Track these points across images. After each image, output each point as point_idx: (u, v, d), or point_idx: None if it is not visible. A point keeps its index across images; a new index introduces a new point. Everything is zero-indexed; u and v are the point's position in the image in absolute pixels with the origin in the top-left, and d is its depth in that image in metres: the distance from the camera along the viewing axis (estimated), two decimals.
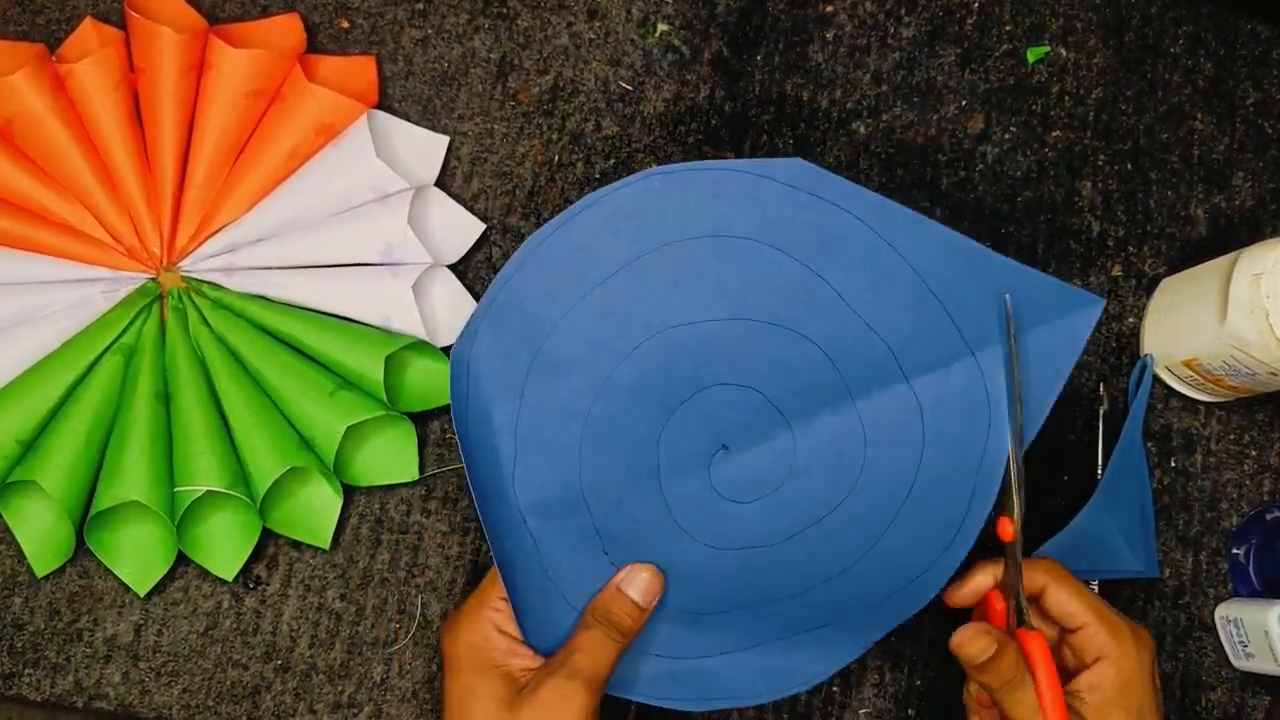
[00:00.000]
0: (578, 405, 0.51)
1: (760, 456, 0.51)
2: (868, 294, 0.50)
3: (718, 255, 0.50)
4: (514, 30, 0.63)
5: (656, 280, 0.50)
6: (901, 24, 0.65)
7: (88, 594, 0.56)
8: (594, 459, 0.51)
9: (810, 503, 0.51)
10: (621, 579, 0.50)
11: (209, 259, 0.58)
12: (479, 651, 0.49)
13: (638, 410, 0.51)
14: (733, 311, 0.51)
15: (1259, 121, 0.65)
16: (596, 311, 0.50)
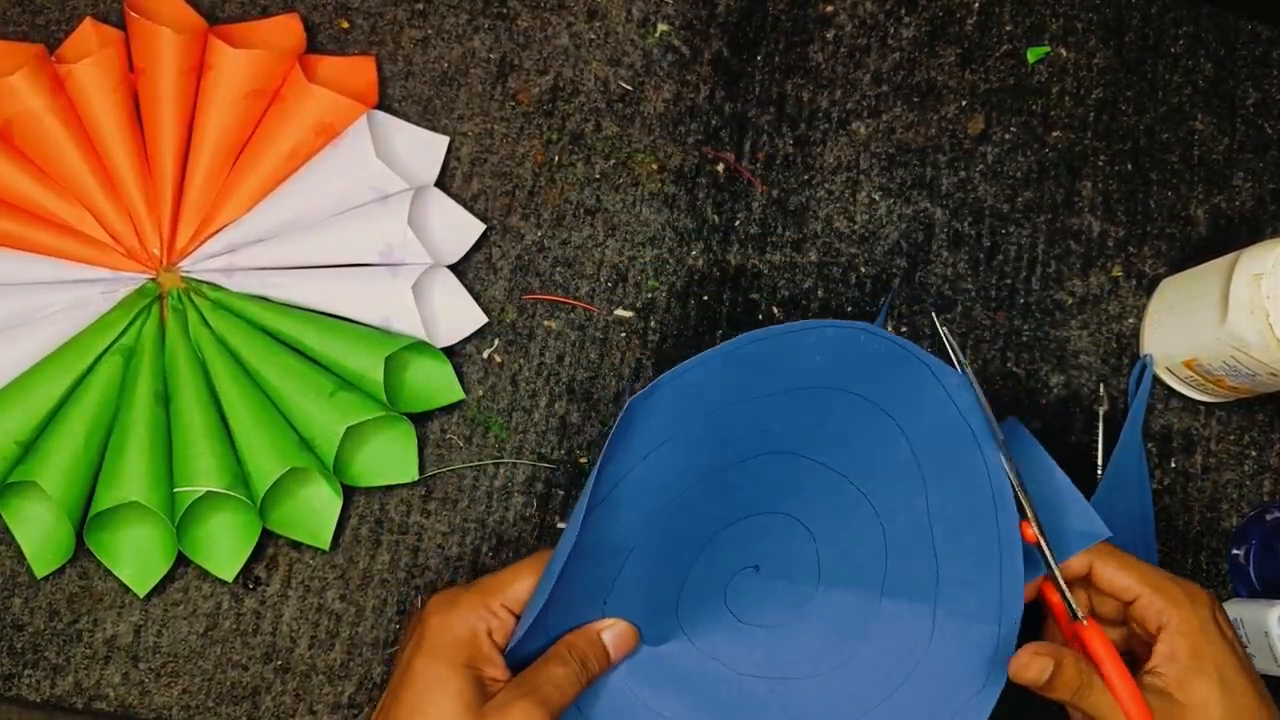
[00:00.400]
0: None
1: (786, 575, 0.53)
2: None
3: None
4: (514, 30, 0.63)
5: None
6: (902, 24, 0.65)
7: (87, 595, 0.56)
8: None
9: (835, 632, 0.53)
10: (603, 627, 0.52)
11: (209, 259, 0.58)
12: (463, 646, 0.48)
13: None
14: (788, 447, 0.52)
15: (1259, 122, 0.65)
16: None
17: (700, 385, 0.49)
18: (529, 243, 0.61)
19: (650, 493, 0.50)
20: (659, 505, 0.51)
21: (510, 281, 0.60)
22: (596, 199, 0.61)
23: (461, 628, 0.49)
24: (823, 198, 0.62)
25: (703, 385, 0.49)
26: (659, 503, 0.51)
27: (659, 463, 0.50)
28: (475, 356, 0.59)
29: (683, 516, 0.51)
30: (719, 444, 0.51)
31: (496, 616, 0.49)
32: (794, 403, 0.51)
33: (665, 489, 0.51)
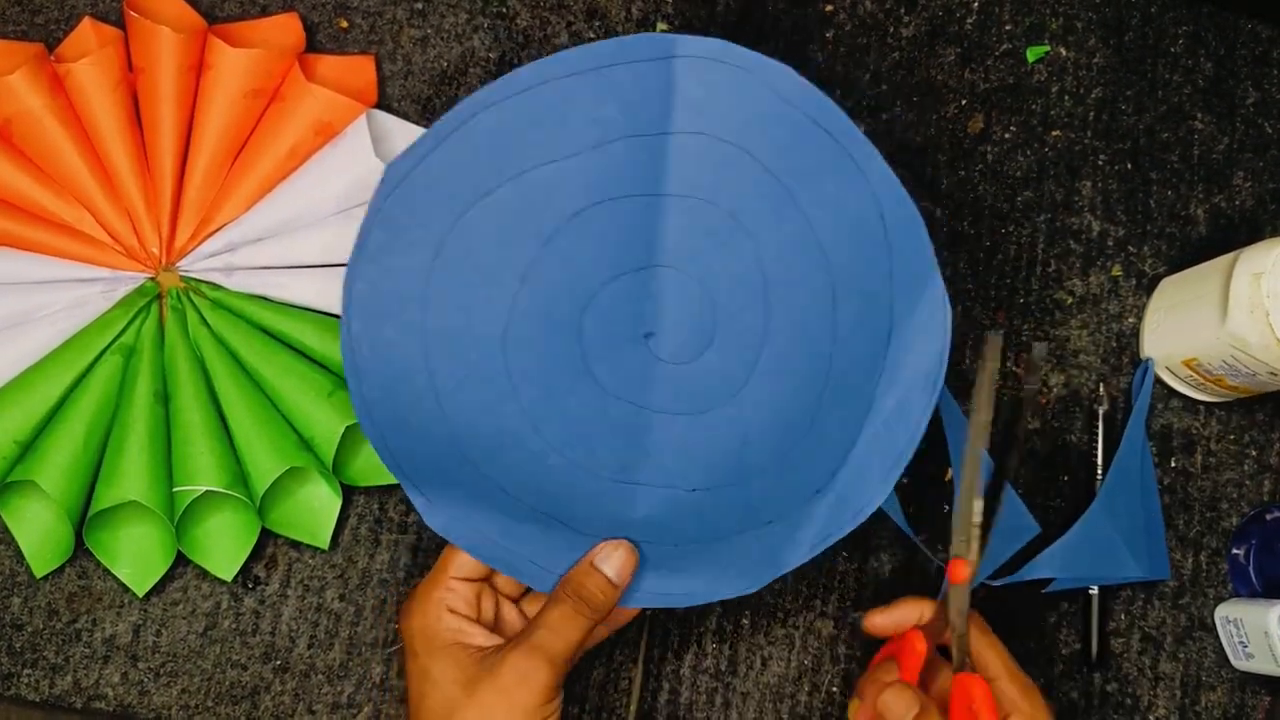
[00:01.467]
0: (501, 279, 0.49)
1: (686, 333, 0.50)
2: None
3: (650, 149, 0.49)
4: (513, 30, 0.63)
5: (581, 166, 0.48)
6: (901, 24, 0.65)
7: (86, 594, 0.56)
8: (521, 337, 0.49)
9: (729, 372, 0.50)
10: (597, 555, 0.49)
11: (208, 259, 0.58)
12: (432, 634, 0.48)
13: (565, 292, 0.49)
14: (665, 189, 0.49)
15: (1259, 121, 0.65)
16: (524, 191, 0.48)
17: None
18: None
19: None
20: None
21: None
22: None
23: (422, 617, 0.49)
24: None
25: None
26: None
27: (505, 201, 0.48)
28: None
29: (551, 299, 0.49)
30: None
31: (451, 590, 0.49)
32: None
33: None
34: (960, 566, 0.49)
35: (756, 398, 0.51)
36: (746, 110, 0.49)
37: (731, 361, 0.51)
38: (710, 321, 0.50)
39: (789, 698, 0.57)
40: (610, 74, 0.48)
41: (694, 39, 0.48)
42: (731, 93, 0.48)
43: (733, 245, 0.50)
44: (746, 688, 0.57)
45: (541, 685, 0.46)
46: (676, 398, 0.51)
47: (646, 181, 0.49)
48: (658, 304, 0.50)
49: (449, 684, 0.47)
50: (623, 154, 0.49)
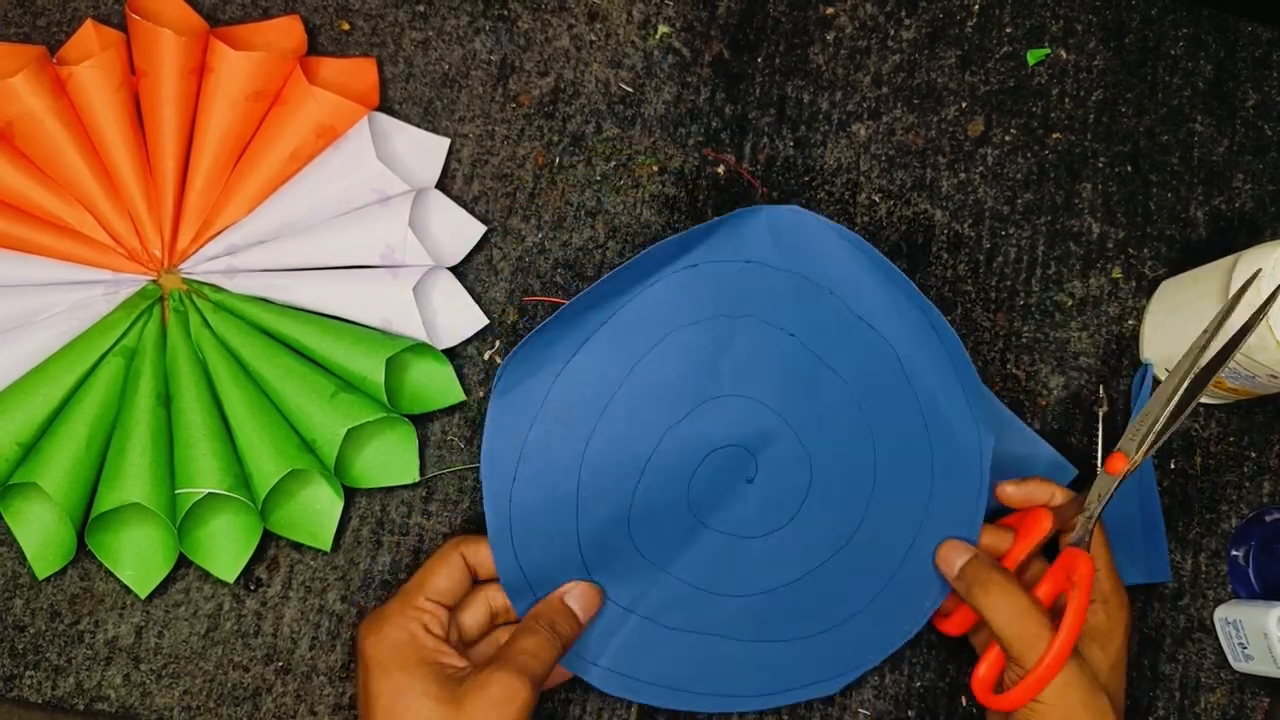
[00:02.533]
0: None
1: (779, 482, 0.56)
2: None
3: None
4: (515, 32, 0.63)
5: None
6: (902, 26, 0.65)
7: (89, 596, 0.56)
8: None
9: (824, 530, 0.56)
10: (564, 592, 0.53)
11: (210, 261, 0.58)
12: (408, 650, 0.49)
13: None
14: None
15: (1259, 124, 0.65)
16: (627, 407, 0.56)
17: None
18: (530, 244, 0.61)
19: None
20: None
21: (511, 283, 0.60)
22: (597, 201, 0.61)
23: (398, 632, 0.49)
24: (823, 199, 0.62)
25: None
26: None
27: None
28: (476, 358, 0.59)
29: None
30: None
31: (426, 611, 0.50)
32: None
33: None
34: (1121, 460, 0.53)
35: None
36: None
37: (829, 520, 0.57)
38: (807, 476, 0.57)
39: None
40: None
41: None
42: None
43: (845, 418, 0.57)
44: None
45: (525, 703, 0.47)
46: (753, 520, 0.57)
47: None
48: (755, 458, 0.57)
49: (429, 699, 0.47)
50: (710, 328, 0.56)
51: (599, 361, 0.55)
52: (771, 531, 0.55)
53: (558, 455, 0.54)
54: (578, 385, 0.55)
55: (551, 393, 0.54)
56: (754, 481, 0.56)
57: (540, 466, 0.54)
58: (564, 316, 0.54)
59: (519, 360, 0.54)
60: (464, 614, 0.53)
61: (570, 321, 0.55)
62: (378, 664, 0.49)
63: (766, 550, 0.55)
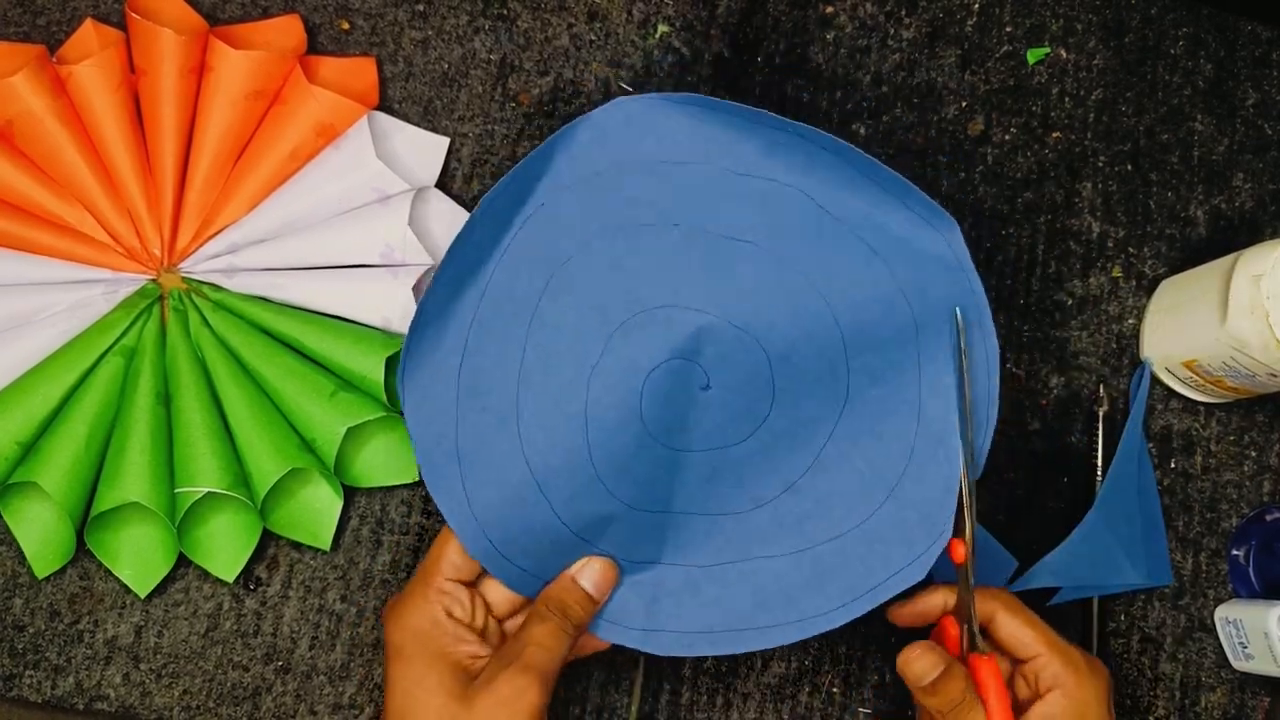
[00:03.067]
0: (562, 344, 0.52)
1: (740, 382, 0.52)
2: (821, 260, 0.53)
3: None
4: (514, 32, 0.63)
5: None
6: (902, 25, 0.65)
7: (88, 595, 0.56)
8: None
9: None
10: (576, 570, 0.50)
11: (209, 260, 0.58)
12: (428, 639, 0.48)
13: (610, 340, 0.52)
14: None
15: (1259, 122, 0.65)
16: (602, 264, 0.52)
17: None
18: None
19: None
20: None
21: None
22: None
23: (419, 620, 0.48)
24: None
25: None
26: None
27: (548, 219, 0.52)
28: None
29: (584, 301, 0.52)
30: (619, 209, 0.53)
31: (446, 593, 0.49)
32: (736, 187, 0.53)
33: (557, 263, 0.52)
34: (958, 546, 0.50)
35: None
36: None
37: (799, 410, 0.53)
38: (769, 387, 0.52)
39: (789, 698, 0.57)
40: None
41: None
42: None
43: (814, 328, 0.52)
44: (747, 688, 0.57)
45: (535, 702, 0.46)
46: (714, 437, 0.52)
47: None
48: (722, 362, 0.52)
49: (443, 694, 0.46)
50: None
51: (494, 339, 0.52)
52: (753, 431, 0.52)
53: (494, 447, 0.51)
54: (482, 368, 0.51)
55: (460, 386, 0.51)
56: (710, 387, 0.52)
57: (482, 464, 0.51)
58: (431, 313, 0.51)
59: (413, 371, 0.52)
60: (490, 589, 0.51)
61: (445, 312, 0.52)
62: (398, 651, 0.48)
63: (759, 449, 0.52)
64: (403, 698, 0.47)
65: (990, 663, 0.48)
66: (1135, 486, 0.59)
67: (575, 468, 0.51)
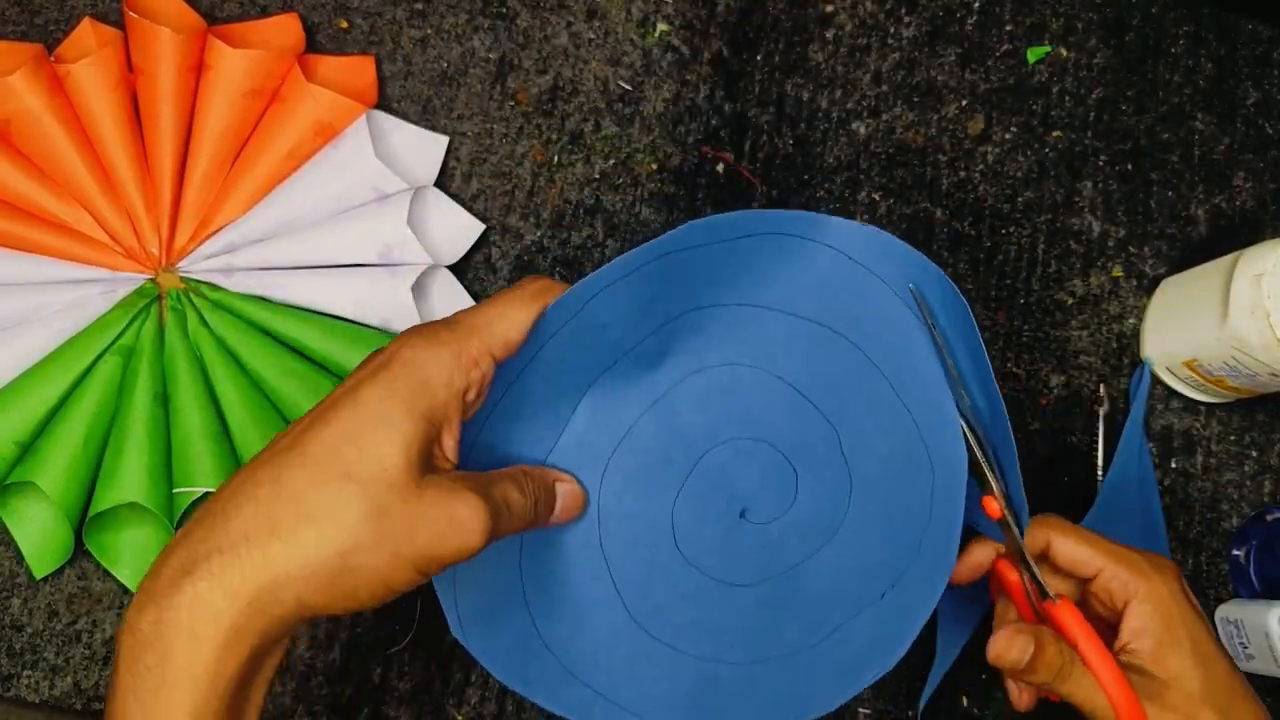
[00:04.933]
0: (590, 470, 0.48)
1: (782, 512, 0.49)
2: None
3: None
4: (513, 30, 0.63)
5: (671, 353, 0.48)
6: (902, 24, 0.65)
7: (86, 595, 0.55)
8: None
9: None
10: (559, 478, 0.45)
11: (208, 259, 0.57)
12: (429, 395, 0.38)
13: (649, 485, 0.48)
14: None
15: (1260, 122, 0.65)
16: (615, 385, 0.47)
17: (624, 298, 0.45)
18: (528, 243, 0.61)
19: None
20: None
21: (510, 281, 0.60)
22: (596, 199, 0.61)
23: (434, 371, 0.39)
24: (822, 198, 0.62)
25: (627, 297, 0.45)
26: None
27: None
28: None
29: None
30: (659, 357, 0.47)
31: (477, 367, 0.40)
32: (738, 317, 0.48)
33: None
34: (990, 503, 0.48)
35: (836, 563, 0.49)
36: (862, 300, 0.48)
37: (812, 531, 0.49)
38: (791, 496, 0.49)
39: None
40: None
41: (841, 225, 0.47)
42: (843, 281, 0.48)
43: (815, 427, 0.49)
44: None
45: (473, 546, 0.38)
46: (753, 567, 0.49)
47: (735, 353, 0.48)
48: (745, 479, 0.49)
49: (399, 449, 0.37)
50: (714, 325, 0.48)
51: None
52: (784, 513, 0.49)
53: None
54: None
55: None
56: (745, 515, 0.49)
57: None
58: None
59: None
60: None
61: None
62: (391, 377, 0.38)
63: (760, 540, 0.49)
64: (362, 419, 0.37)
65: (1067, 607, 0.47)
66: (1135, 486, 0.59)
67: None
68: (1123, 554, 0.47)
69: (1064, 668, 0.45)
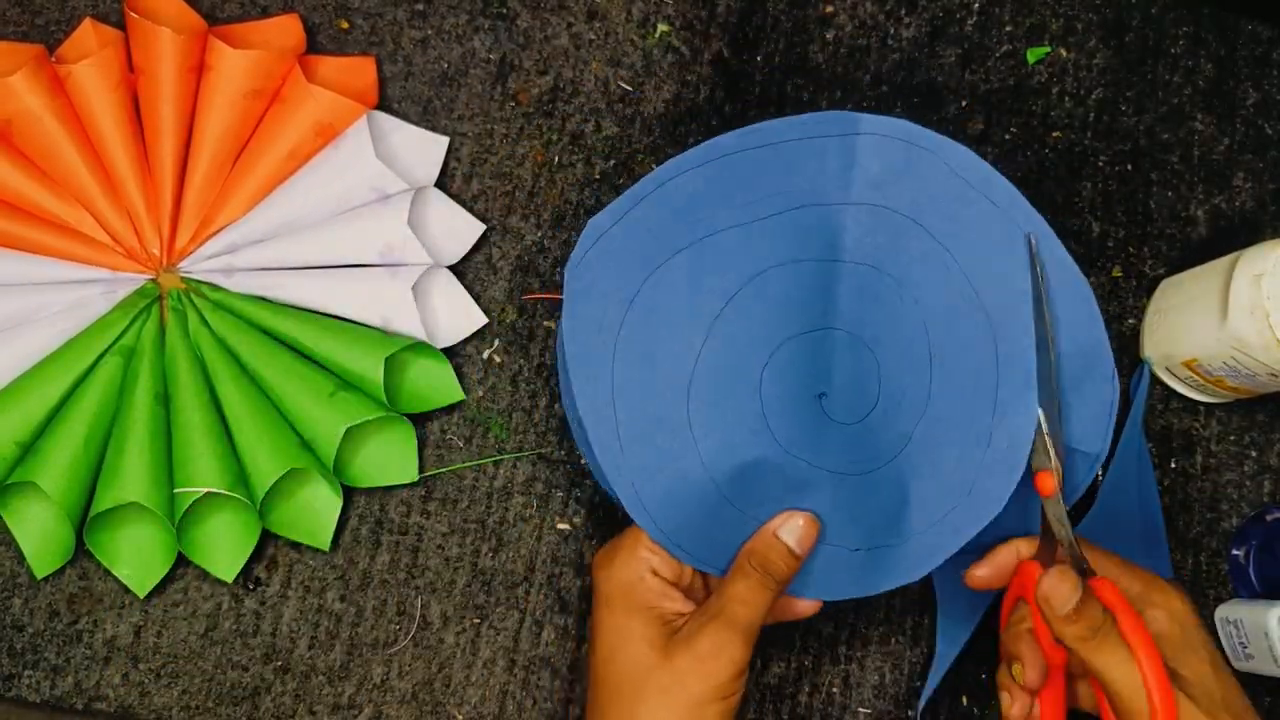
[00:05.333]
0: (682, 341, 0.51)
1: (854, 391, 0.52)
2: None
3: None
4: (514, 31, 0.63)
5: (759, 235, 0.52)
6: (902, 24, 0.65)
7: (87, 595, 0.56)
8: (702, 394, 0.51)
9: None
10: (777, 526, 0.49)
11: (208, 260, 0.58)
12: (633, 591, 0.48)
13: (739, 354, 0.52)
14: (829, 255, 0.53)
15: (1259, 122, 0.65)
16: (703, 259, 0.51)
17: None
18: (529, 243, 0.61)
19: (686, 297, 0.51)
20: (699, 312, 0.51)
21: (510, 282, 0.60)
22: (597, 199, 0.61)
23: (625, 573, 0.49)
24: None
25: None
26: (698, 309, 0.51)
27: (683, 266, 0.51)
28: (475, 357, 0.59)
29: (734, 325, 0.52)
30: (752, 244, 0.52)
31: (656, 553, 0.49)
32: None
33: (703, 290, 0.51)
34: (1046, 478, 0.49)
35: (918, 460, 0.52)
36: (921, 184, 0.52)
37: (896, 424, 0.52)
38: (876, 385, 0.53)
39: (789, 698, 0.57)
40: (799, 147, 0.52)
41: (878, 119, 0.52)
42: (907, 168, 0.52)
43: (901, 312, 0.52)
44: (747, 688, 0.57)
45: (735, 659, 0.46)
46: (844, 457, 0.52)
47: (823, 248, 0.52)
48: (830, 365, 0.52)
49: (645, 645, 0.47)
50: (803, 221, 0.52)
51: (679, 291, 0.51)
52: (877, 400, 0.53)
53: (655, 437, 0.50)
54: (641, 349, 0.51)
55: (616, 364, 0.51)
56: (825, 396, 0.52)
57: (644, 452, 0.50)
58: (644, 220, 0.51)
59: (588, 274, 0.51)
60: None
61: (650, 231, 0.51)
62: (605, 600, 0.49)
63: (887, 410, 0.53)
64: (608, 644, 0.48)
65: (1110, 584, 0.47)
66: (1135, 486, 0.59)
67: (737, 440, 0.51)
68: (1138, 570, 0.50)
69: (1102, 629, 0.45)
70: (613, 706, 0.47)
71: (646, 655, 0.47)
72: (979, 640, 0.57)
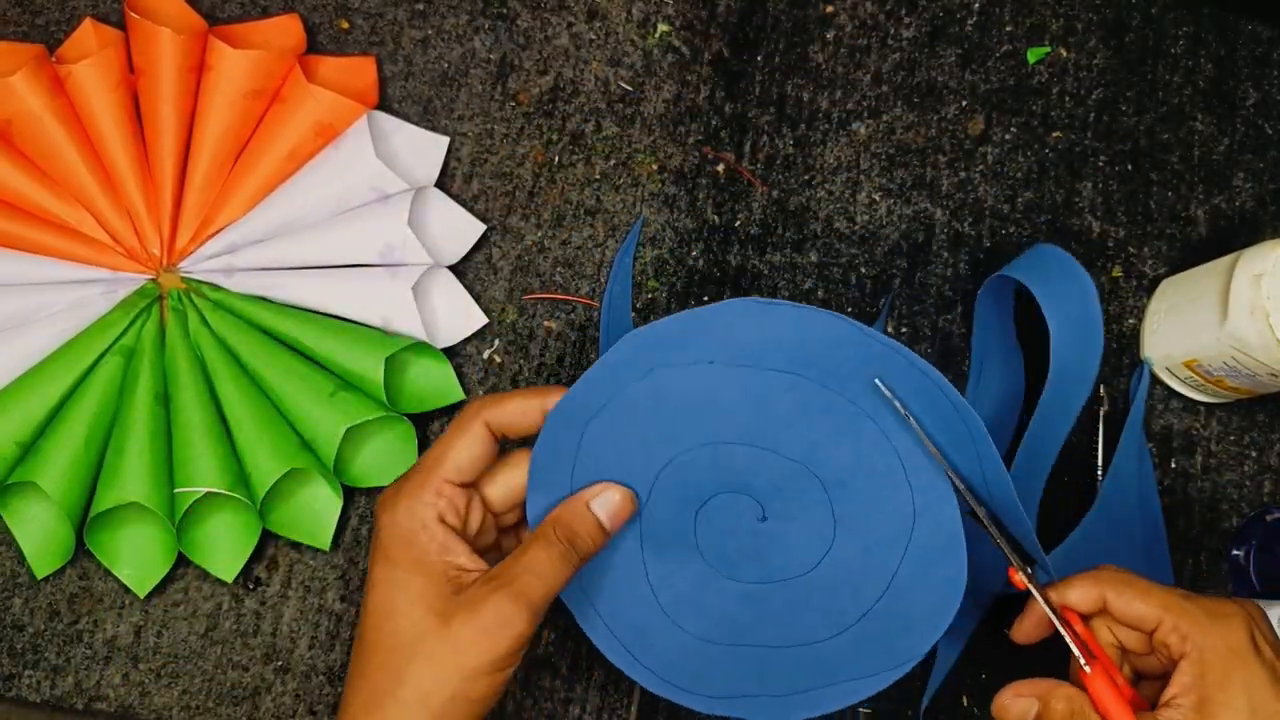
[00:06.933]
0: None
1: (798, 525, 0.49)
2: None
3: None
4: (514, 31, 0.63)
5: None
6: (902, 24, 0.65)
7: (87, 595, 0.56)
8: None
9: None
10: (591, 495, 0.46)
11: (209, 260, 0.58)
12: (414, 542, 0.44)
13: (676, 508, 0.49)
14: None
15: (1259, 122, 0.65)
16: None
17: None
18: (529, 243, 0.61)
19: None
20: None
21: (510, 282, 0.60)
22: (597, 199, 0.61)
23: (408, 521, 0.44)
24: (823, 198, 0.62)
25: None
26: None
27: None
28: (475, 357, 0.59)
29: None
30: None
31: (443, 496, 0.45)
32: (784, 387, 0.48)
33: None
34: (1011, 575, 0.47)
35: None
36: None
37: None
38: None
39: None
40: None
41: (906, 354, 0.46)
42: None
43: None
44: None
45: (520, 633, 0.42)
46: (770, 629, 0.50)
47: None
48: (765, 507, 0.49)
49: (422, 606, 0.43)
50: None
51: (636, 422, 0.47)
52: (821, 559, 0.50)
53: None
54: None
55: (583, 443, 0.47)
56: (766, 518, 0.49)
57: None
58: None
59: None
60: (490, 486, 0.47)
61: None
62: (384, 550, 0.44)
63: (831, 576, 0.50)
64: (381, 599, 0.44)
65: (1098, 677, 0.45)
66: (1135, 486, 0.59)
67: (641, 605, 0.49)
68: (1183, 606, 0.44)
69: None
70: (378, 670, 0.43)
71: (422, 618, 0.42)
72: (979, 640, 0.57)
